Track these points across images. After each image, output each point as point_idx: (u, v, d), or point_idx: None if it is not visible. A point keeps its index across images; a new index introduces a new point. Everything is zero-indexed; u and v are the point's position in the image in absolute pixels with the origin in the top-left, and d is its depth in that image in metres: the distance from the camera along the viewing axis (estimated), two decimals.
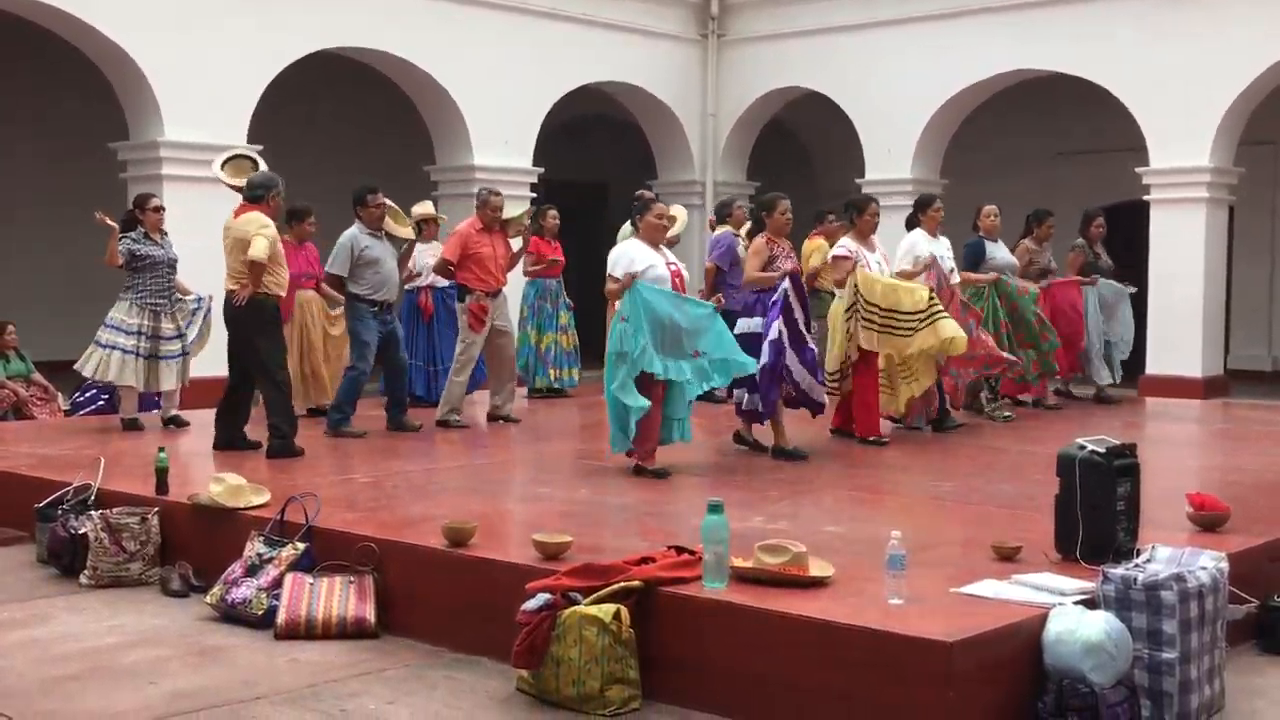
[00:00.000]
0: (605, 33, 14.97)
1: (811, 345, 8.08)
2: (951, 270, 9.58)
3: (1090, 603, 4.51)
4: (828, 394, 8.42)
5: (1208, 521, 5.72)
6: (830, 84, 15.24)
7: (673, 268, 7.49)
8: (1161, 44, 13.06)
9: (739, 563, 4.78)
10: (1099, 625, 4.27)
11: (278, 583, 5.54)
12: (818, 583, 4.73)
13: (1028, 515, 5.99)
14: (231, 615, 5.59)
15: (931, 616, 4.36)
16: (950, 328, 8.59)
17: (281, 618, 5.39)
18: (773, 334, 7.83)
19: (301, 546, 5.70)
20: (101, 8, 11.35)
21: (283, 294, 8.35)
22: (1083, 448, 5.20)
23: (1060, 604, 4.44)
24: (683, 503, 6.49)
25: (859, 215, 8.90)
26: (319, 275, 10.01)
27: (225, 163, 9.77)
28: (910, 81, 14.52)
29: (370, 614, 5.40)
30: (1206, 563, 4.66)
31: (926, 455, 8.56)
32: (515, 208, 10.37)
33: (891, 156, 14.77)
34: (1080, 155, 16.03)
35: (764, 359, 7.78)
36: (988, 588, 4.70)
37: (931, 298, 8.66)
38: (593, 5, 14.76)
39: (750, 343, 7.82)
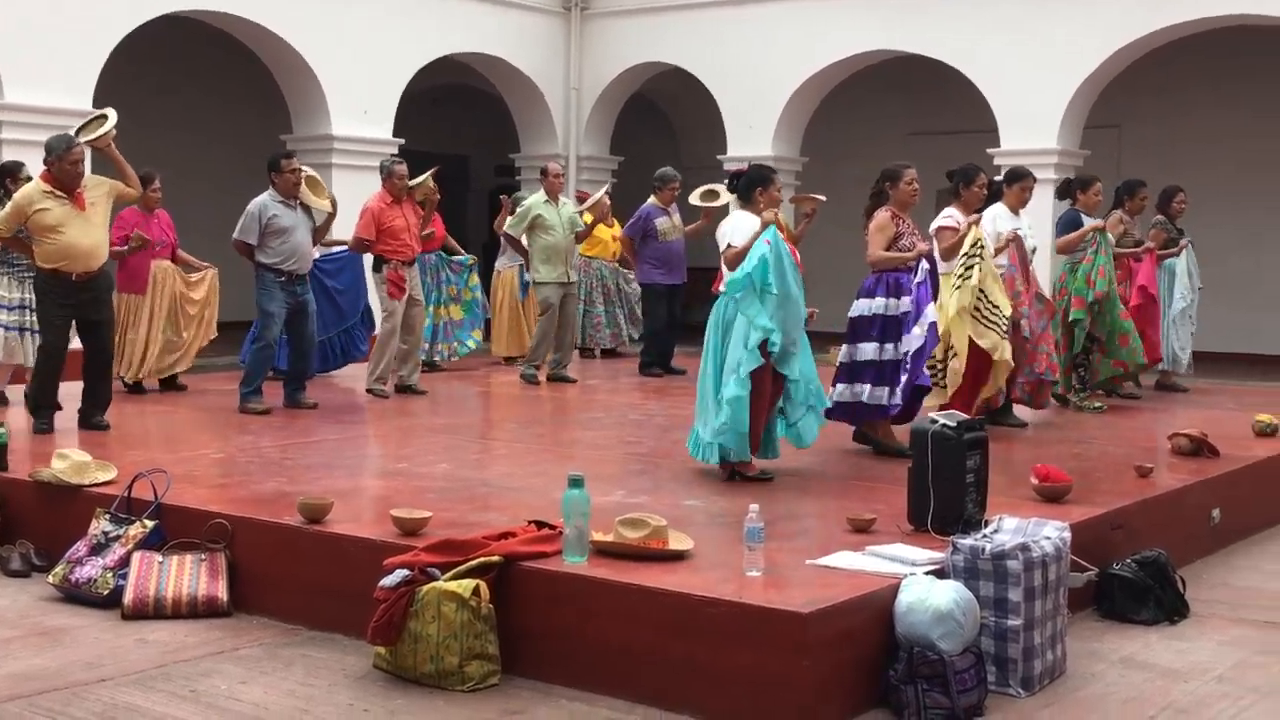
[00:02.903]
0: (467, 3, 14.79)
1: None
2: (1034, 250, 8.63)
3: (940, 573, 4.63)
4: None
5: (1051, 493, 5.92)
6: (693, 60, 15.31)
7: (785, 239, 6.58)
8: (1012, 29, 13.42)
9: (599, 537, 4.79)
10: (948, 594, 4.39)
11: (125, 561, 5.38)
12: (677, 556, 4.76)
13: (886, 488, 6.10)
14: (75, 595, 5.41)
15: (788, 588, 4.43)
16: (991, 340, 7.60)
17: (129, 597, 5.24)
18: (930, 316, 7.01)
19: (150, 524, 5.54)
20: None
21: (65, 265, 7.56)
22: (934, 422, 5.33)
23: (911, 574, 4.55)
24: (544, 477, 6.47)
25: (966, 186, 8.02)
26: (173, 243, 9.74)
27: (83, 126, 9.33)
28: (772, 59, 14.67)
29: (222, 592, 5.28)
30: (1050, 533, 4.82)
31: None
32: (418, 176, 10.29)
33: (753, 133, 14.91)
34: (935, 136, 16.37)
35: (915, 343, 6.96)
36: (842, 559, 4.79)
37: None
38: None
39: (863, 327, 7.12)
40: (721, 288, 6.49)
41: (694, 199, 12.06)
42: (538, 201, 10.68)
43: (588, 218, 10.96)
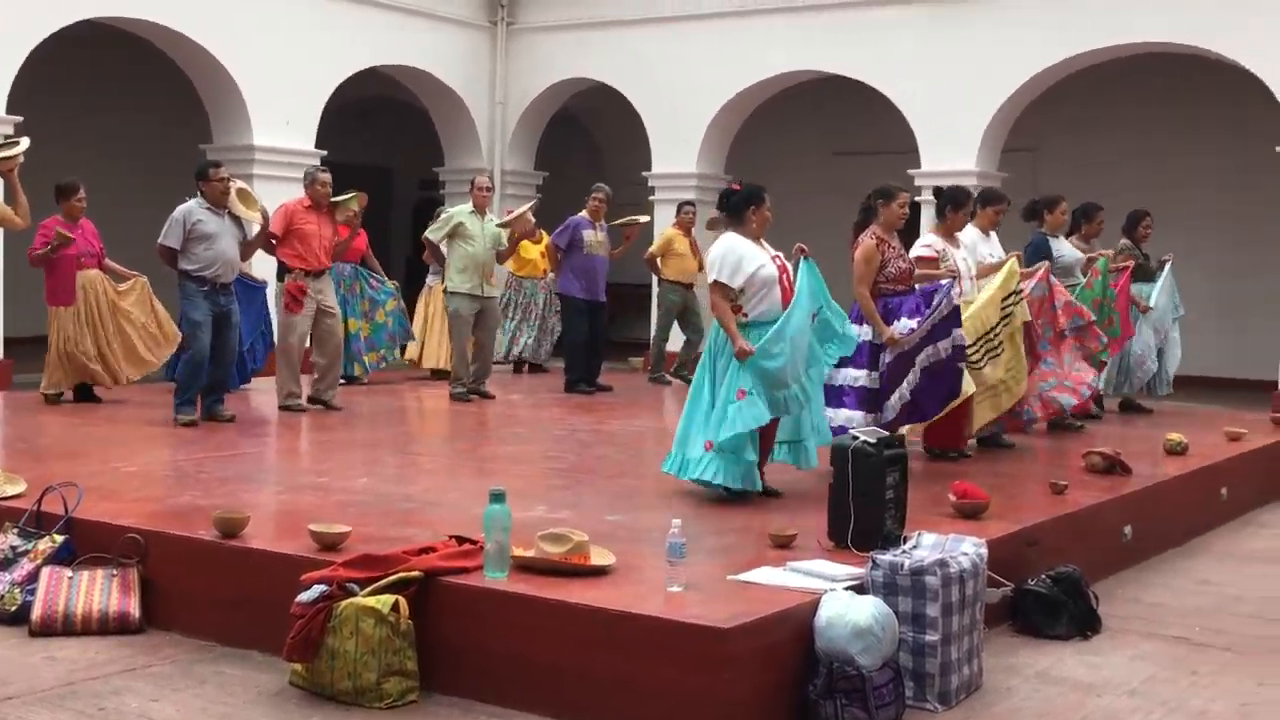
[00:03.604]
0: (392, 15, 14.70)
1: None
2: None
3: (860, 588, 4.66)
4: None
5: (969, 510, 5.99)
6: (619, 76, 15.35)
7: (777, 261, 6.46)
8: (932, 51, 13.63)
9: (520, 552, 4.76)
10: (867, 610, 4.42)
11: (33, 577, 5.25)
12: (599, 571, 4.75)
13: (808, 505, 6.13)
14: None
15: (709, 603, 4.44)
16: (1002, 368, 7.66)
17: (37, 613, 5.11)
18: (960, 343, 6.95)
19: (60, 538, 5.42)
20: None
21: None
22: (855, 439, 5.38)
23: (831, 590, 4.58)
24: (465, 492, 6.43)
25: (955, 210, 7.93)
26: (99, 254, 9.56)
27: None
28: (696, 77, 14.75)
29: (134, 608, 5.17)
30: (968, 549, 4.87)
31: None
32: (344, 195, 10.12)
33: (678, 150, 14.97)
34: (858, 155, 16.56)
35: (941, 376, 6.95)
36: (763, 574, 4.81)
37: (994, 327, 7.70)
38: None
39: (855, 354, 6.98)
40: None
41: (616, 223, 12.13)
42: (462, 211, 10.61)
43: (512, 234, 10.89)
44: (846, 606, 4.43)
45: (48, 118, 11.69)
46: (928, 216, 13.67)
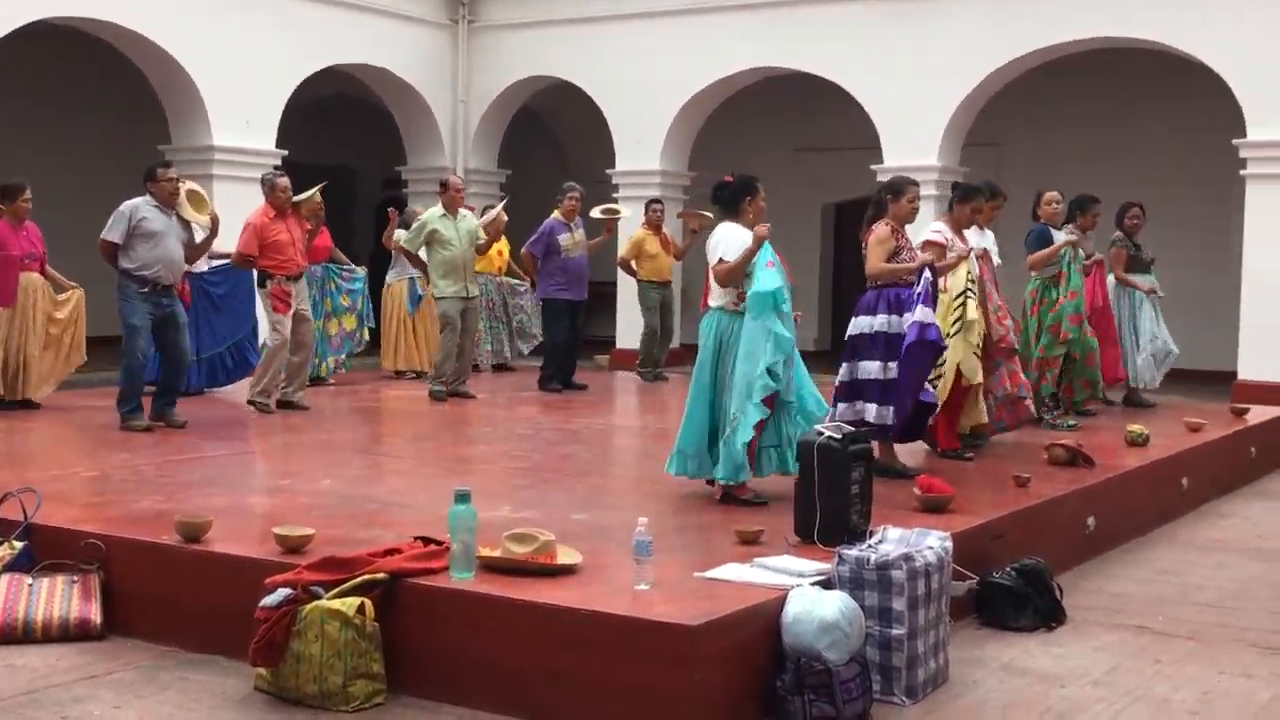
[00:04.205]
0: (352, 13, 14.63)
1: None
2: (999, 265, 8.37)
3: (826, 583, 4.67)
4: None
5: (933, 504, 6.01)
6: (581, 74, 15.34)
7: (778, 254, 6.31)
8: (893, 46, 13.69)
9: (486, 552, 4.74)
10: (834, 605, 4.43)
11: None
12: (565, 570, 4.74)
13: (773, 501, 6.13)
14: None
15: (676, 601, 4.44)
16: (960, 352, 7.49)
17: None
18: (925, 321, 6.67)
19: (19, 545, 5.35)
20: None
21: None
22: (820, 434, 5.39)
23: (798, 585, 4.59)
24: (431, 492, 6.40)
25: (962, 202, 7.84)
26: (42, 257, 9.44)
27: None
28: (659, 74, 14.76)
29: (95, 615, 5.12)
30: (933, 542, 4.89)
31: (671, 443, 8.68)
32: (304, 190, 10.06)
33: (641, 147, 14.98)
34: (821, 151, 16.61)
35: (906, 361, 6.69)
36: (730, 571, 4.81)
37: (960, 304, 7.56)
38: None
39: (864, 345, 6.84)
40: (711, 302, 6.33)
41: (595, 212, 12.10)
42: (434, 216, 10.46)
43: (484, 236, 10.85)
44: (813, 602, 4.44)
45: (3, 120, 11.55)
46: None
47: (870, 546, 4.82)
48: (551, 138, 18.58)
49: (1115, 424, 9.22)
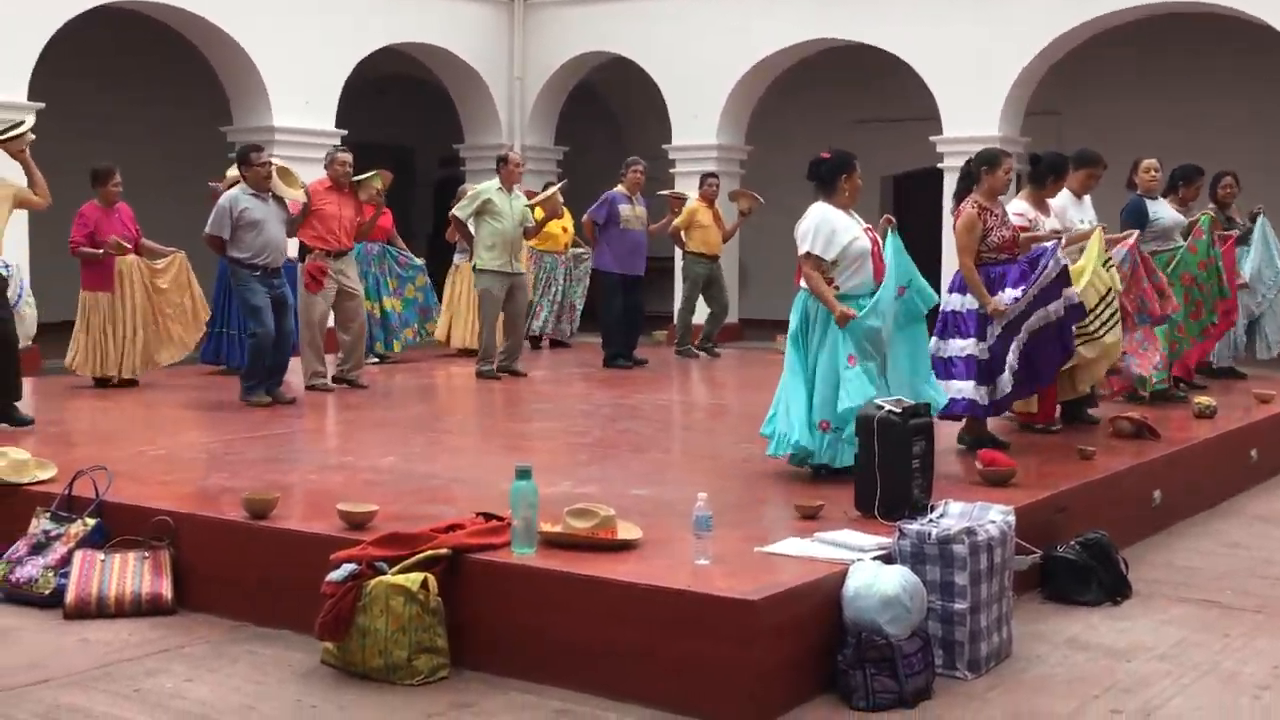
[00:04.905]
0: None
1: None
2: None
3: (887, 558, 4.65)
4: None
5: (995, 477, 5.97)
6: (637, 49, 15.30)
7: (870, 234, 6.20)
8: (953, 16, 13.53)
9: (547, 528, 4.77)
10: (895, 579, 4.42)
11: (66, 560, 5.30)
12: (626, 545, 4.76)
13: (835, 476, 6.10)
14: (15, 596, 5.32)
15: (737, 575, 4.44)
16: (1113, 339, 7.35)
17: (70, 596, 5.16)
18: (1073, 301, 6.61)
19: (92, 522, 5.46)
20: None
21: None
22: (880, 408, 5.37)
23: (859, 560, 4.58)
24: (491, 468, 6.45)
25: (1056, 179, 7.61)
26: (136, 238, 9.60)
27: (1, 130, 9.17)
28: (715, 47, 14.68)
29: (166, 590, 5.21)
30: (995, 517, 4.86)
31: (730, 418, 8.69)
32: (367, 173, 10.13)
33: (698, 121, 14.92)
34: (879, 123, 16.46)
35: (999, 329, 6.61)
36: (790, 546, 4.81)
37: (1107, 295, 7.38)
38: None
39: (956, 322, 6.75)
40: (802, 283, 6.15)
41: (664, 193, 12.15)
42: (491, 187, 10.45)
43: (539, 213, 10.85)
44: (874, 576, 4.43)
45: (67, 103, 11.74)
46: (951, 185, 13.61)
47: (931, 521, 4.80)
48: (608, 114, 18.56)
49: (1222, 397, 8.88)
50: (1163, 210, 9.11)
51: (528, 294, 11.19)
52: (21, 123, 8.02)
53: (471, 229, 10.57)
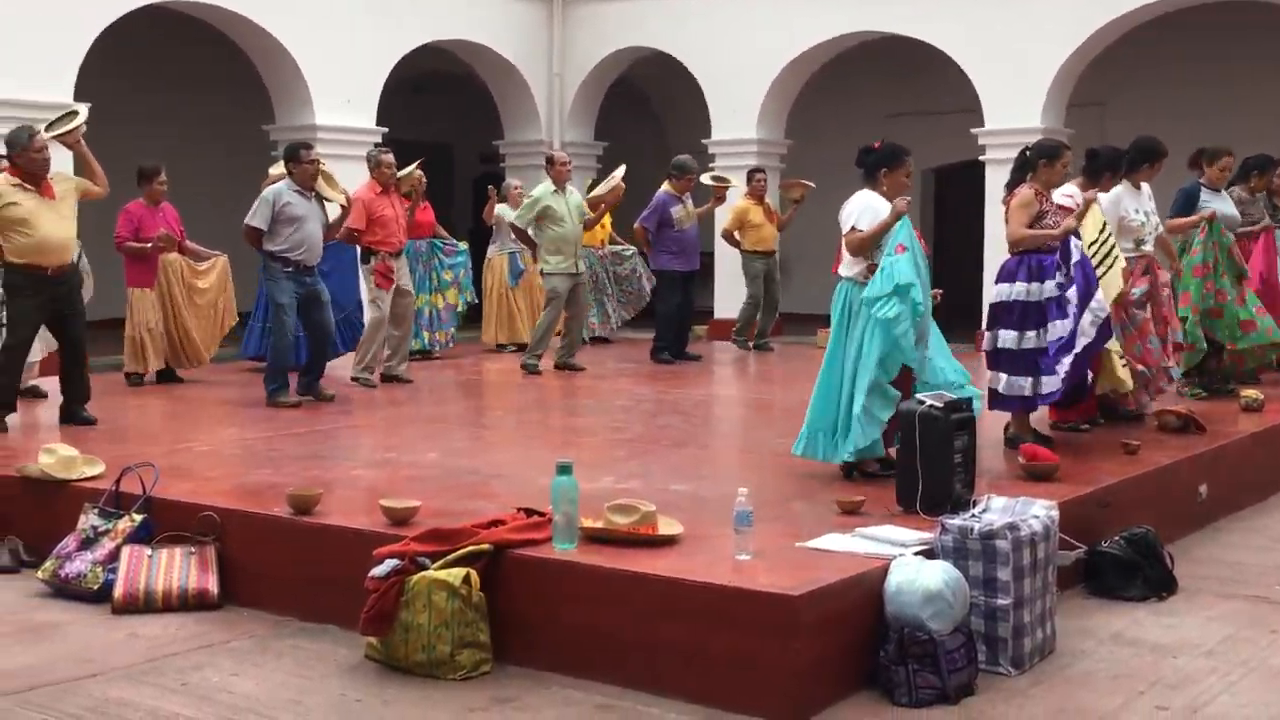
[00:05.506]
0: None
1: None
2: (1157, 228, 7.87)
3: (930, 553, 4.64)
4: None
5: (1038, 472, 5.93)
6: (676, 44, 15.27)
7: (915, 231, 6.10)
8: (994, 7, 13.41)
9: (589, 523, 4.79)
10: (937, 575, 4.40)
11: (114, 555, 5.36)
12: (667, 541, 4.77)
13: (865, 476, 6.08)
14: (65, 590, 5.40)
15: (778, 571, 4.44)
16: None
17: (119, 591, 5.23)
18: (1099, 308, 6.41)
19: (139, 518, 5.53)
20: None
21: (39, 259, 7.42)
22: (921, 403, 5.34)
23: (901, 555, 4.56)
24: (532, 464, 6.47)
25: (1113, 174, 7.48)
26: (180, 235, 9.70)
27: (53, 121, 9.29)
28: (754, 41, 14.63)
29: (213, 585, 5.27)
30: (1038, 511, 4.83)
31: (772, 413, 8.67)
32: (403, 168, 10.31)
33: (737, 116, 14.88)
34: (919, 116, 16.35)
35: (1063, 323, 6.41)
36: (832, 541, 4.80)
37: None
38: None
39: (1004, 312, 6.60)
40: (842, 271, 6.14)
41: (705, 179, 12.23)
42: (545, 192, 10.56)
43: (607, 196, 11.01)
44: (917, 571, 4.42)
45: (111, 103, 11.85)
46: (993, 178, 13.52)
47: (974, 516, 4.77)
48: (648, 109, 18.55)
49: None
50: (1220, 203, 8.84)
51: (587, 293, 11.32)
52: (75, 113, 8.09)
53: (532, 235, 10.66)
